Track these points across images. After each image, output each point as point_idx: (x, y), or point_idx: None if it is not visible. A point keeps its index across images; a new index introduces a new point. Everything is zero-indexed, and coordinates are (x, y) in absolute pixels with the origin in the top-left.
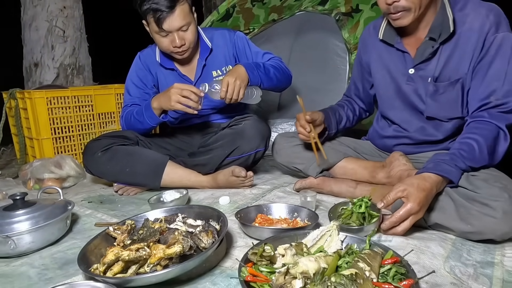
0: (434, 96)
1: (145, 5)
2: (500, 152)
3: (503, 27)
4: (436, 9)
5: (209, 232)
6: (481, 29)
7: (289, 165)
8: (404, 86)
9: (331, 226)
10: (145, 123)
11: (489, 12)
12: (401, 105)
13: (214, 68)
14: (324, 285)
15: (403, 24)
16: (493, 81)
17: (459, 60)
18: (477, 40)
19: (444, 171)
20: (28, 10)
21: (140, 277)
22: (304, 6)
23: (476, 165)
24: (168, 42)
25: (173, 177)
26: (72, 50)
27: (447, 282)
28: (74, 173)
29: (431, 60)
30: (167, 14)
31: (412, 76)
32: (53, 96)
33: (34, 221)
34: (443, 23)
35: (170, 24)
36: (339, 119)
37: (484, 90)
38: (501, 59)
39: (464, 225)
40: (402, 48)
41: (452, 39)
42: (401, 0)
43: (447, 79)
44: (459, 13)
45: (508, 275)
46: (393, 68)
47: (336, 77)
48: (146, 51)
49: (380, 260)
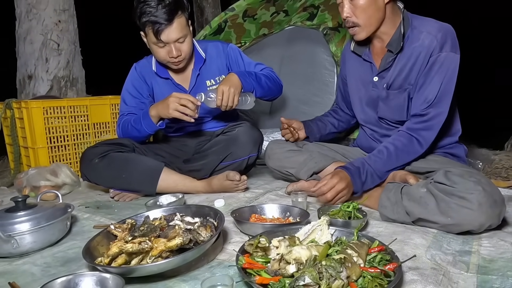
0: (385, 101)
1: (144, 17)
2: (413, 154)
3: (447, 47)
4: (396, 24)
5: (207, 227)
6: (429, 47)
7: (281, 169)
8: (371, 92)
9: (322, 221)
10: (143, 130)
11: (438, 32)
12: (370, 110)
13: (208, 78)
14: (315, 267)
15: (360, 38)
16: (428, 94)
17: (409, 72)
18: (425, 56)
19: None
20: (23, 24)
21: (142, 266)
22: (293, 21)
23: (385, 167)
24: (165, 53)
25: (168, 182)
26: (66, 63)
27: (428, 267)
28: (70, 181)
29: (389, 69)
30: (165, 26)
31: (376, 83)
32: (49, 106)
33: (36, 221)
34: (398, 38)
35: (167, 36)
36: (322, 127)
37: (420, 101)
38: (439, 76)
39: (444, 218)
40: (369, 59)
41: (406, 52)
42: (352, 16)
43: (398, 87)
44: (415, 30)
45: (483, 261)
46: (362, 77)
47: (324, 89)
48: (142, 62)
49: (367, 249)
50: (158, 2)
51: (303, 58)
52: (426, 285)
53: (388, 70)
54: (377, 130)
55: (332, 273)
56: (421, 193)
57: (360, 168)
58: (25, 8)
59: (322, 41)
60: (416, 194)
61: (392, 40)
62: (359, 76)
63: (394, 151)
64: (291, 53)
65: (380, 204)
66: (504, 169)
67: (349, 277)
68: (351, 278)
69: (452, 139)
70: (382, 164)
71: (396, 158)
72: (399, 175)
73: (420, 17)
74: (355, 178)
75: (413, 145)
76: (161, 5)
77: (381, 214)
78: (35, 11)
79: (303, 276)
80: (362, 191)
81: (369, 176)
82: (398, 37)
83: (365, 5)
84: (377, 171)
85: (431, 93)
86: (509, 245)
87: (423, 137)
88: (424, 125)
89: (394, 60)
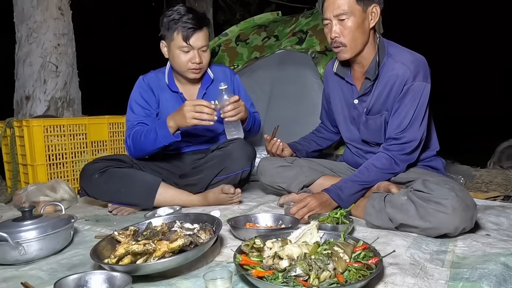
0: (365, 125)
1: (174, 23)
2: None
3: (420, 77)
4: (374, 52)
5: (206, 230)
6: (403, 76)
7: (273, 184)
8: (352, 112)
9: (311, 225)
10: (158, 142)
11: (411, 63)
12: (354, 129)
13: (213, 98)
14: (305, 260)
15: (344, 57)
16: (402, 119)
17: (386, 98)
18: (399, 85)
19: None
20: (23, 47)
21: (147, 264)
22: (283, 45)
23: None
24: (187, 59)
25: (165, 196)
26: (64, 84)
27: (407, 263)
28: (68, 197)
29: (368, 95)
30: (195, 30)
31: (356, 105)
32: (49, 124)
33: (42, 230)
34: (374, 67)
35: (195, 40)
36: (306, 145)
37: (394, 126)
38: (412, 104)
39: (423, 223)
40: (351, 81)
41: (382, 80)
42: (340, 37)
43: (376, 112)
44: (390, 58)
45: (457, 258)
46: (344, 97)
47: (313, 110)
48: (149, 75)
49: (352, 248)
50: (189, 11)
51: (293, 80)
52: (404, 277)
53: (367, 95)
54: (361, 148)
55: (321, 265)
56: (402, 200)
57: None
58: (26, 32)
59: (310, 64)
60: (397, 202)
61: (369, 68)
62: (343, 96)
63: (375, 170)
64: (282, 75)
65: (365, 212)
66: (484, 184)
67: (336, 269)
68: (338, 271)
69: (431, 153)
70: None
71: (376, 175)
72: (383, 185)
73: (395, 44)
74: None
75: (391, 165)
76: (192, 14)
77: (367, 221)
78: (35, 35)
79: (294, 268)
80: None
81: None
82: (374, 65)
83: (353, 27)
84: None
85: (405, 120)
86: (481, 245)
87: (399, 159)
88: (400, 147)
89: (372, 87)
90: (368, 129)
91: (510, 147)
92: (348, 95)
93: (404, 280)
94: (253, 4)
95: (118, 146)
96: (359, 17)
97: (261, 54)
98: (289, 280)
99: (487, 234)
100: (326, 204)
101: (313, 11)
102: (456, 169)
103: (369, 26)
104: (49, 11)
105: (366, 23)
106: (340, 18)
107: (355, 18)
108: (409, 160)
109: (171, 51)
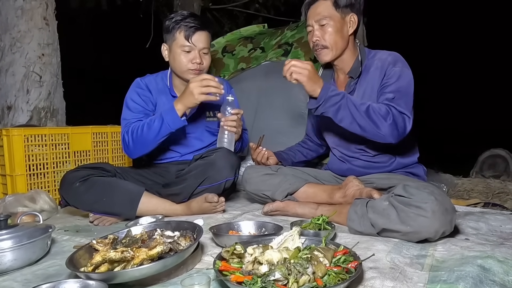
0: None
1: (177, 23)
2: (380, 121)
3: (399, 64)
4: (355, 55)
5: (186, 237)
6: (382, 66)
7: (258, 192)
8: None
9: (293, 231)
10: (164, 128)
11: (389, 56)
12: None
13: (208, 109)
14: (285, 265)
15: (325, 60)
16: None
17: (371, 92)
18: (380, 73)
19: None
20: (6, 56)
21: (125, 271)
22: (269, 57)
23: (353, 105)
24: (188, 59)
25: (148, 206)
26: (48, 94)
27: (387, 267)
28: (48, 207)
29: (353, 93)
30: (197, 30)
31: None
32: (30, 134)
33: (17, 239)
34: (357, 66)
35: (197, 39)
36: (291, 155)
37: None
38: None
39: (404, 227)
40: (335, 86)
41: (364, 77)
42: (321, 40)
43: None
44: (371, 59)
45: (436, 262)
46: None
47: (299, 121)
48: (147, 77)
49: (333, 253)
50: (192, 14)
51: (279, 91)
52: (384, 280)
53: (352, 94)
54: (345, 153)
55: (300, 269)
56: (384, 205)
57: (336, 90)
58: (9, 42)
59: None
60: (379, 207)
61: (352, 68)
62: None
63: (367, 106)
64: (268, 86)
65: (348, 218)
66: (466, 192)
67: (315, 273)
68: (317, 275)
69: (412, 160)
70: (356, 104)
71: (367, 112)
72: (365, 191)
73: (373, 50)
74: (326, 87)
75: (386, 113)
76: (195, 16)
77: (349, 227)
78: (19, 44)
79: (273, 272)
80: (322, 101)
81: (338, 97)
82: (357, 65)
83: (332, 31)
84: (349, 101)
85: (390, 94)
86: (459, 248)
87: (394, 114)
88: (396, 108)
89: (356, 85)
90: None
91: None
92: None
93: (383, 283)
94: (241, 17)
95: (102, 156)
96: (338, 22)
97: (247, 65)
98: (268, 284)
99: (466, 239)
100: (315, 78)
101: (298, 24)
102: (439, 178)
103: (348, 32)
104: (33, 21)
105: (345, 29)
106: (321, 23)
107: (334, 23)
108: (400, 127)
109: (172, 52)
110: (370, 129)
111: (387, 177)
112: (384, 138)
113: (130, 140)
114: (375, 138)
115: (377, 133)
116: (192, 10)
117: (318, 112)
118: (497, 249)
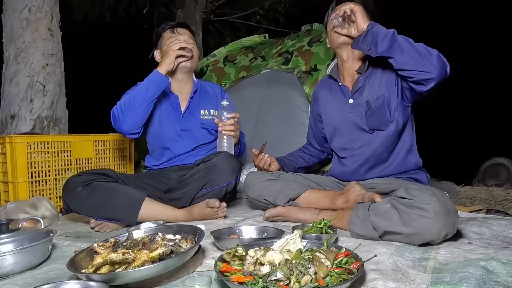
0: (371, 113)
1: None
2: (429, 55)
3: None
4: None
5: (188, 239)
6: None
7: (260, 198)
8: (348, 114)
9: (295, 234)
10: (150, 87)
11: None
12: (348, 129)
13: (202, 107)
14: (287, 265)
15: (342, 32)
16: None
17: (380, 82)
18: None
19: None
20: (10, 66)
21: (126, 272)
22: (270, 65)
23: (402, 41)
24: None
25: (149, 211)
26: (51, 104)
27: (389, 269)
28: (49, 214)
29: (363, 90)
30: (180, 25)
31: (352, 105)
32: (33, 141)
33: (18, 243)
34: (364, 63)
35: (181, 31)
36: (293, 161)
37: None
38: None
39: (406, 228)
40: (342, 83)
41: (372, 71)
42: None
43: (375, 97)
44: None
45: (439, 264)
46: (338, 100)
47: (300, 129)
48: None
49: (335, 255)
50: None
51: (280, 100)
52: (386, 281)
53: (362, 91)
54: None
55: (301, 269)
56: (386, 208)
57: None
58: (14, 52)
59: (296, 84)
60: (381, 209)
61: (360, 67)
62: (334, 102)
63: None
64: (269, 95)
65: (350, 222)
66: (468, 199)
67: (317, 273)
68: (319, 275)
69: (415, 166)
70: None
71: (413, 45)
72: (367, 195)
73: None
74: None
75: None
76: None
77: (351, 230)
78: (23, 54)
79: (275, 272)
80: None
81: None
82: (364, 62)
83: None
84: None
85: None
86: (462, 251)
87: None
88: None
89: (365, 80)
90: (373, 116)
91: (493, 166)
92: (341, 100)
93: (385, 284)
94: (242, 28)
95: (104, 164)
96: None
97: (248, 73)
98: (270, 284)
99: (469, 243)
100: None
101: (299, 34)
102: (441, 186)
103: None
104: (38, 32)
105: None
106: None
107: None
108: (443, 62)
109: (162, 51)
110: (425, 55)
111: (389, 182)
112: (434, 68)
113: (119, 110)
114: (426, 68)
115: (430, 61)
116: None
117: (368, 40)
118: (500, 252)
